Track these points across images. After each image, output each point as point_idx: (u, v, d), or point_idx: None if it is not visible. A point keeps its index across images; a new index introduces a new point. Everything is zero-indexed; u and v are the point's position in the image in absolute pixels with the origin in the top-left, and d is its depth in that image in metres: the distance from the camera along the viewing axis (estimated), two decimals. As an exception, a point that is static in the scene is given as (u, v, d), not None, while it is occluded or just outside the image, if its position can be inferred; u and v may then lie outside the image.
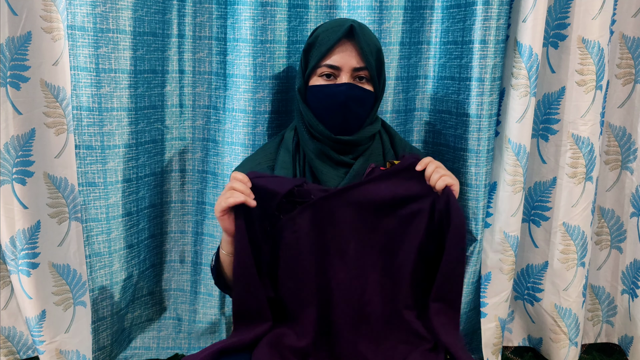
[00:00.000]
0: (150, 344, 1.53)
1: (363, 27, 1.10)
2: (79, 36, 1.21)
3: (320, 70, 1.08)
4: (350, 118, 1.08)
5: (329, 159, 1.10)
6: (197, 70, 1.41)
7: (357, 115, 1.09)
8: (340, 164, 1.10)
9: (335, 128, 1.09)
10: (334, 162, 1.10)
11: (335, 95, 1.07)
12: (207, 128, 1.45)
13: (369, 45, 1.07)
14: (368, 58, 1.06)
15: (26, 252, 1.40)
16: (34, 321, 1.43)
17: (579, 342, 1.54)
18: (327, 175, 1.09)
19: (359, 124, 1.10)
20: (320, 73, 1.09)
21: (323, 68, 1.08)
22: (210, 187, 1.47)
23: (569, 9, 1.38)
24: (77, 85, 1.23)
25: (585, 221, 1.45)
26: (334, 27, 1.08)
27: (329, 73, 1.08)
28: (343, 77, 1.07)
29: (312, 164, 1.11)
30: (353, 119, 1.09)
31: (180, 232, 1.52)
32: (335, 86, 1.07)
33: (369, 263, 1.04)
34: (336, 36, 1.06)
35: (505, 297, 1.46)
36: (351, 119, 1.09)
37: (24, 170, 1.39)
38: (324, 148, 1.09)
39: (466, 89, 1.33)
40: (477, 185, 1.34)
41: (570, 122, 1.42)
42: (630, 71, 1.51)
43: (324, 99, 1.08)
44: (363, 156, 1.11)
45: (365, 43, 1.06)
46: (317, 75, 1.09)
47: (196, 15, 1.37)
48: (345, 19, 1.10)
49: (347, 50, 1.06)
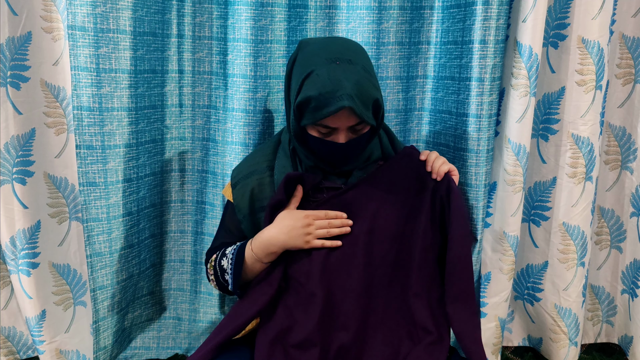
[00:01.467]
0: (150, 344, 1.53)
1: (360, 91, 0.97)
2: (79, 36, 1.21)
3: (318, 128, 1.03)
4: (351, 161, 1.11)
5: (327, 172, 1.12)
6: (196, 70, 1.41)
7: (357, 155, 1.11)
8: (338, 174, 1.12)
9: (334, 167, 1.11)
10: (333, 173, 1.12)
11: (334, 153, 1.06)
12: (207, 128, 1.45)
13: (366, 104, 0.99)
14: (365, 115, 0.99)
15: (26, 252, 1.40)
16: (34, 321, 1.43)
17: (578, 342, 1.54)
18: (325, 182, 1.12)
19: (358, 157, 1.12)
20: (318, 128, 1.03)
21: (319, 127, 1.03)
22: (210, 186, 1.47)
23: (569, 9, 1.38)
24: (77, 85, 1.24)
25: (585, 221, 1.45)
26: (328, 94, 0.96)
27: (325, 132, 1.03)
28: (340, 134, 1.03)
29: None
30: (353, 160, 1.11)
31: (180, 232, 1.52)
32: (334, 145, 1.04)
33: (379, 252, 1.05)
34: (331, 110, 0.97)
35: (505, 297, 1.46)
36: (351, 161, 1.11)
37: (24, 170, 1.39)
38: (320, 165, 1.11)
39: (466, 89, 1.33)
40: (477, 185, 1.34)
41: (570, 122, 1.43)
42: (630, 71, 1.51)
43: (323, 152, 1.07)
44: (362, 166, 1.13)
45: (362, 110, 0.98)
46: (313, 128, 1.04)
47: (196, 15, 1.38)
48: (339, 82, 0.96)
49: (344, 114, 1.00)
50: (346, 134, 1.03)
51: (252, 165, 1.16)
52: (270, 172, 1.14)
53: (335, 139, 1.04)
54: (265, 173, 1.13)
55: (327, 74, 0.98)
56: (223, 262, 1.12)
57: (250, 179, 1.14)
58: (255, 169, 1.15)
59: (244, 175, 1.15)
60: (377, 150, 1.15)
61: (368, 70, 1.02)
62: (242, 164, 1.19)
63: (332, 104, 0.96)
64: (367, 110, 1.00)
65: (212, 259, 1.16)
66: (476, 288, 1.45)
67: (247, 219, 1.14)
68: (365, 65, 1.02)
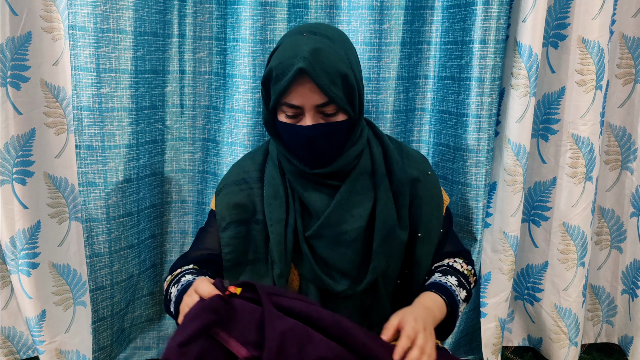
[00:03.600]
0: (150, 344, 1.53)
1: (319, 55, 0.91)
2: (79, 36, 1.21)
3: (284, 108, 0.96)
4: (320, 154, 0.98)
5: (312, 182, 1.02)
6: (197, 70, 1.41)
7: (329, 148, 0.98)
8: (325, 186, 1.02)
9: (308, 163, 1.00)
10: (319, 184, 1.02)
11: (299, 136, 0.96)
12: (207, 128, 1.45)
13: (330, 74, 0.92)
14: (331, 91, 0.92)
15: (26, 252, 1.40)
16: (34, 321, 1.43)
17: (578, 342, 1.54)
18: (310, 198, 1.01)
19: (335, 153, 1.00)
20: (284, 110, 0.97)
21: (285, 107, 0.96)
22: (211, 187, 1.47)
23: (569, 9, 1.38)
24: (77, 85, 1.23)
25: (585, 221, 1.45)
26: (286, 60, 0.92)
27: (292, 114, 0.96)
28: (307, 116, 0.95)
29: (295, 187, 1.03)
30: (324, 154, 0.99)
31: (181, 232, 1.51)
32: (300, 128, 0.96)
33: None
34: (287, 78, 0.91)
35: (505, 297, 1.46)
36: (321, 154, 0.99)
37: (24, 170, 1.39)
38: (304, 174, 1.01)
39: (466, 89, 1.33)
40: (477, 185, 1.34)
41: (570, 122, 1.43)
42: (630, 71, 1.51)
43: (291, 138, 0.98)
44: (350, 177, 1.02)
45: (323, 78, 0.91)
46: (281, 111, 0.98)
47: (196, 15, 1.37)
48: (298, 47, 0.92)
49: (306, 87, 0.92)
50: (314, 116, 0.95)
51: (241, 172, 1.08)
52: (260, 184, 1.06)
53: (302, 122, 0.96)
54: (256, 184, 1.06)
55: (289, 43, 0.94)
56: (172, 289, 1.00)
57: (240, 186, 1.06)
58: (245, 177, 1.07)
59: (231, 182, 1.07)
60: (366, 161, 1.04)
61: (336, 42, 0.95)
62: (231, 171, 1.11)
63: (289, 70, 0.91)
64: (333, 84, 0.92)
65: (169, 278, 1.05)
66: (476, 288, 1.45)
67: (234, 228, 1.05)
68: (334, 38, 0.96)
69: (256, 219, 1.05)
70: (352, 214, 1.01)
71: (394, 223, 1.02)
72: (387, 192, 1.03)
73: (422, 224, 1.07)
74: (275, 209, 1.02)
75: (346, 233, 1.00)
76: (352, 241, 1.01)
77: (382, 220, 1.01)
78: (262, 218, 1.04)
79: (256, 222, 1.05)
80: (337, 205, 1.00)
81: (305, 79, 0.92)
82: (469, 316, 1.49)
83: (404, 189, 1.04)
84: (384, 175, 1.03)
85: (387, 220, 1.01)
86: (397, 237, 1.03)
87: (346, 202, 1.01)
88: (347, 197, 1.01)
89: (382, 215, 1.01)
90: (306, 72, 0.90)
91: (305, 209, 1.03)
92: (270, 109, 0.99)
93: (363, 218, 1.01)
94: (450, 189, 1.41)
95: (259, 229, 1.05)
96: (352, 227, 1.00)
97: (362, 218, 1.01)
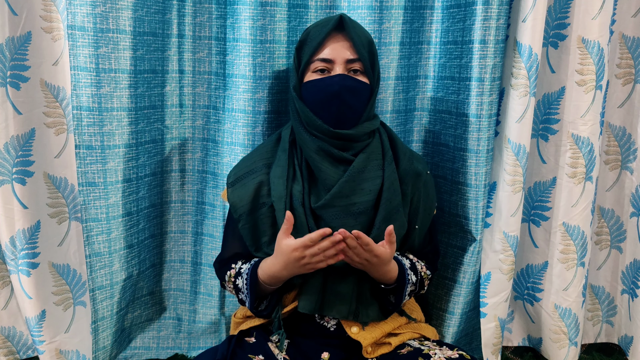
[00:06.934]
0: (150, 344, 1.53)
1: (353, 20, 1.12)
2: (79, 36, 1.21)
3: (314, 66, 1.09)
4: (346, 110, 1.08)
5: (328, 156, 1.09)
6: (197, 70, 1.41)
7: (353, 107, 1.09)
8: (340, 160, 1.10)
9: (332, 121, 1.08)
10: (334, 158, 1.09)
11: (329, 87, 1.07)
12: (207, 128, 1.45)
13: (360, 37, 1.09)
14: (360, 49, 1.08)
15: (26, 252, 1.40)
16: (33, 321, 1.43)
17: (578, 342, 1.54)
18: (326, 172, 1.08)
19: (356, 116, 1.10)
20: (314, 69, 1.10)
21: (316, 63, 1.09)
22: (210, 187, 1.47)
23: (569, 9, 1.38)
24: (77, 85, 1.23)
25: (585, 221, 1.45)
26: (324, 21, 1.11)
27: (322, 68, 1.09)
28: (337, 69, 1.08)
29: (311, 161, 1.10)
30: (348, 110, 1.09)
31: (180, 232, 1.52)
32: (329, 78, 1.08)
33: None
34: (327, 29, 1.08)
35: (505, 297, 1.46)
36: (346, 110, 1.08)
37: (24, 170, 1.39)
38: (323, 145, 1.09)
39: (466, 89, 1.33)
40: (476, 185, 1.34)
41: (570, 122, 1.43)
42: (630, 71, 1.51)
43: (318, 93, 1.08)
44: (363, 153, 1.10)
45: (356, 34, 1.08)
46: (311, 71, 1.10)
47: (196, 15, 1.37)
48: (331, 17, 1.12)
49: (339, 43, 1.08)
50: (343, 70, 1.08)
51: (249, 165, 1.16)
52: (267, 170, 1.13)
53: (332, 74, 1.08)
54: (262, 171, 1.14)
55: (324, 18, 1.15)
56: (238, 281, 1.12)
57: (248, 178, 1.14)
58: (253, 169, 1.15)
59: (242, 175, 1.16)
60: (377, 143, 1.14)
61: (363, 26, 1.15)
62: (239, 165, 1.19)
63: (328, 24, 1.08)
64: (362, 46, 1.08)
65: (229, 276, 1.15)
66: (476, 288, 1.45)
67: (245, 217, 1.13)
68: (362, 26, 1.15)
69: (262, 202, 1.12)
70: (362, 188, 1.09)
71: (398, 203, 1.11)
72: (394, 174, 1.12)
73: (418, 218, 1.17)
74: (280, 187, 1.09)
75: (355, 205, 1.08)
76: (360, 213, 1.08)
77: (388, 198, 1.09)
78: (268, 201, 1.12)
79: (262, 205, 1.12)
80: (350, 177, 1.08)
81: (339, 37, 1.08)
82: (469, 316, 1.49)
83: (408, 179, 1.14)
84: (392, 160, 1.13)
85: (392, 199, 1.10)
86: (400, 218, 1.11)
87: (358, 175, 1.08)
88: (360, 169, 1.09)
89: (387, 194, 1.09)
90: (343, 26, 1.08)
91: (314, 185, 1.11)
92: (300, 73, 1.11)
93: (372, 193, 1.09)
94: (450, 189, 1.41)
95: (265, 211, 1.12)
96: (362, 199, 1.08)
97: (371, 192, 1.09)
